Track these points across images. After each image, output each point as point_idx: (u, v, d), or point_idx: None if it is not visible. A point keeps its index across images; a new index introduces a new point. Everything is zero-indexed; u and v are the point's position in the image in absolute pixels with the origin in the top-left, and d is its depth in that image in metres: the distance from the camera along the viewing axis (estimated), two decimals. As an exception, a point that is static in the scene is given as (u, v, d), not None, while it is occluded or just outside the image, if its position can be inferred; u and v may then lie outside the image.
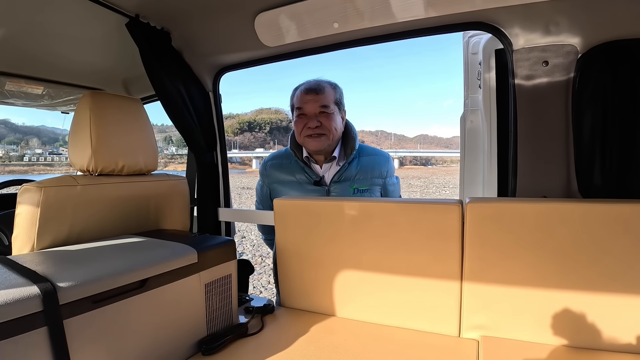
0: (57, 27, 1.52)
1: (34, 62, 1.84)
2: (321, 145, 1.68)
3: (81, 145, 1.28)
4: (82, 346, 0.89)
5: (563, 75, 1.23)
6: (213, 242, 1.31)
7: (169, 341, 1.12)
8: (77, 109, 1.30)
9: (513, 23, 1.26)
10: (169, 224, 1.58)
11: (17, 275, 0.87)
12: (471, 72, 1.82)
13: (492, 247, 1.19)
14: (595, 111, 1.18)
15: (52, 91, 2.17)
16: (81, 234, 1.26)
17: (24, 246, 1.15)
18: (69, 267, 0.97)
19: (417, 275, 1.30)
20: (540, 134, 1.28)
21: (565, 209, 1.12)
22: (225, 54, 1.73)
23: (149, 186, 1.47)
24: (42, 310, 0.81)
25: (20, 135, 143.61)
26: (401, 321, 1.34)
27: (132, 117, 1.43)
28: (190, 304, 1.19)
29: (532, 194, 1.31)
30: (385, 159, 1.83)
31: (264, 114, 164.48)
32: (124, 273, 0.99)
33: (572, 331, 1.13)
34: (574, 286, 1.11)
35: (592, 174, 1.21)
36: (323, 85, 1.71)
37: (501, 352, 1.12)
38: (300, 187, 1.76)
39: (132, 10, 1.47)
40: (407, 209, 1.32)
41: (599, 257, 1.09)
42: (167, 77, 1.59)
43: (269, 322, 1.40)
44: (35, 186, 1.15)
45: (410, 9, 1.31)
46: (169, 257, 1.13)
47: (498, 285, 1.19)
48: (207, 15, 1.54)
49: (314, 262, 1.47)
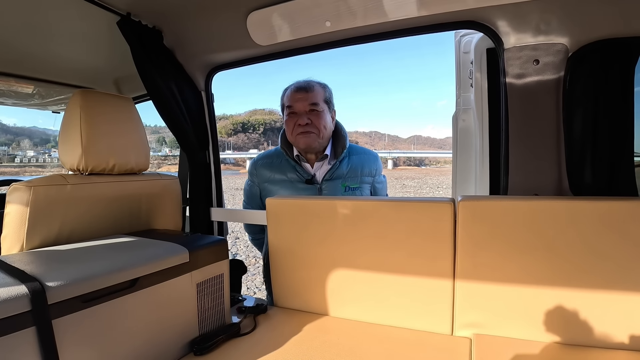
0: (48, 25, 1.50)
1: (24, 61, 1.82)
2: (311, 141, 1.70)
3: (71, 144, 1.27)
4: (71, 346, 0.88)
5: (554, 73, 1.24)
6: (205, 242, 1.30)
7: (160, 341, 1.12)
8: (68, 108, 1.29)
9: (504, 22, 1.26)
10: (160, 224, 1.57)
11: (5, 275, 0.86)
12: (463, 71, 1.83)
13: (484, 245, 1.20)
14: (586, 109, 1.19)
15: (42, 90, 2.15)
16: (71, 233, 1.25)
17: (13, 246, 1.14)
18: (58, 267, 0.95)
19: (409, 274, 1.30)
20: (531, 132, 1.29)
21: (556, 206, 1.13)
22: (217, 52, 1.72)
23: (140, 186, 1.46)
24: (31, 310, 0.80)
25: (12, 136, 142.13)
26: (394, 320, 1.35)
27: (123, 116, 1.41)
28: (182, 303, 1.18)
29: (523, 191, 1.31)
30: (374, 158, 1.89)
31: (258, 114, 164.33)
32: (114, 272, 0.98)
33: (563, 328, 1.14)
34: (565, 283, 1.12)
35: (582, 171, 1.22)
36: (312, 84, 1.75)
37: (494, 349, 1.12)
38: (291, 185, 1.78)
39: (124, 9, 1.45)
40: (400, 208, 1.32)
41: (589, 253, 1.10)
42: (159, 76, 1.57)
43: (262, 321, 1.39)
44: (24, 185, 1.13)
45: (402, 7, 1.31)
46: (160, 256, 1.12)
47: (490, 283, 1.20)
48: (199, 14, 1.53)
49: (307, 262, 1.46)
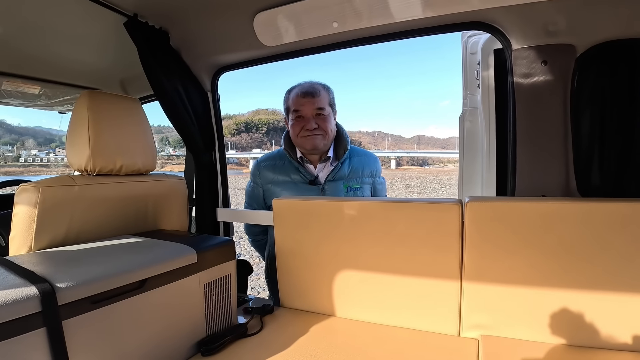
0: (55, 26, 1.51)
1: (31, 62, 1.83)
2: (318, 142, 1.74)
3: (79, 145, 1.27)
4: (80, 347, 0.89)
5: (562, 74, 1.24)
6: (212, 242, 1.30)
7: (168, 342, 1.12)
8: (75, 108, 1.29)
9: (512, 23, 1.26)
10: (167, 224, 1.57)
11: (15, 276, 0.86)
12: (470, 72, 1.82)
13: (491, 246, 1.19)
14: (594, 110, 1.19)
15: (49, 91, 2.16)
16: (79, 234, 1.25)
17: (21, 247, 1.14)
18: (67, 268, 0.96)
19: (416, 275, 1.30)
20: (539, 133, 1.28)
21: (565, 208, 1.12)
22: (223, 53, 1.72)
23: (147, 186, 1.47)
24: (41, 311, 0.80)
25: (16, 136, 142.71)
26: (401, 321, 1.34)
27: (130, 117, 1.42)
28: (190, 304, 1.19)
29: (531, 193, 1.31)
30: (374, 160, 1.93)
31: (261, 114, 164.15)
32: (123, 273, 0.98)
33: (572, 330, 1.13)
34: (573, 285, 1.12)
35: (590, 173, 1.22)
36: (318, 88, 1.76)
37: (501, 351, 1.12)
38: (295, 187, 1.79)
39: (131, 10, 1.46)
40: (407, 209, 1.32)
41: (598, 256, 1.09)
42: (166, 77, 1.58)
43: (268, 322, 1.39)
44: (32, 186, 1.13)
45: (409, 8, 1.31)
46: (168, 257, 1.12)
47: (498, 284, 1.19)
48: (206, 15, 1.53)
49: (313, 262, 1.46)
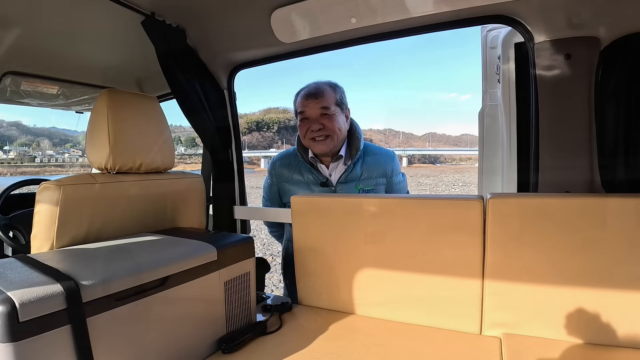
0: (73, 26, 1.52)
1: (50, 62, 1.85)
2: (326, 147, 1.71)
3: (99, 143, 1.28)
4: (104, 344, 0.89)
5: (585, 68, 1.21)
6: (232, 240, 1.30)
7: (189, 339, 1.12)
8: (95, 107, 1.30)
9: (534, 15, 1.23)
10: (185, 222, 1.58)
11: (40, 274, 0.87)
12: (490, 66, 1.80)
13: (514, 243, 1.17)
14: (619, 104, 1.17)
15: (67, 90, 2.18)
16: (100, 232, 1.26)
17: (43, 244, 1.15)
18: (90, 265, 0.96)
19: (437, 273, 1.28)
20: (562, 127, 1.26)
21: (589, 204, 1.10)
22: (240, 51, 1.72)
23: (166, 184, 1.47)
24: (66, 308, 0.81)
25: (32, 136, 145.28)
26: (422, 319, 1.33)
27: (149, 115, 1.42)
28: (210, 302, 1.19)
29: (554, 189, 1.28)
30: (390, 158, 1.84)
31: (272, 113, 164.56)
32: (145, 271, 0.99)
33: (596, 328, 1.11)
34: (598, 283, 1.09)
35: (615, 168, 1.19)
36: (322, 88, 1.72)
37: (525, 350, 1.10)
38: (307, 187, 1.79)
39: (148, 8, 1.46)
40: (428, 205, 1.30)
41: (624, 253, 1.07)
42: (183, 75, 1.59)
43: (288, 320, 1.39)
44: (54, 184, 1.14)
45: (428, 2, 1.29)
46: (189, 255, 1.12)
47: (520, 282, 1.17)
48: (223, 13, 1.53)
49: (333, 260, 1.46)
